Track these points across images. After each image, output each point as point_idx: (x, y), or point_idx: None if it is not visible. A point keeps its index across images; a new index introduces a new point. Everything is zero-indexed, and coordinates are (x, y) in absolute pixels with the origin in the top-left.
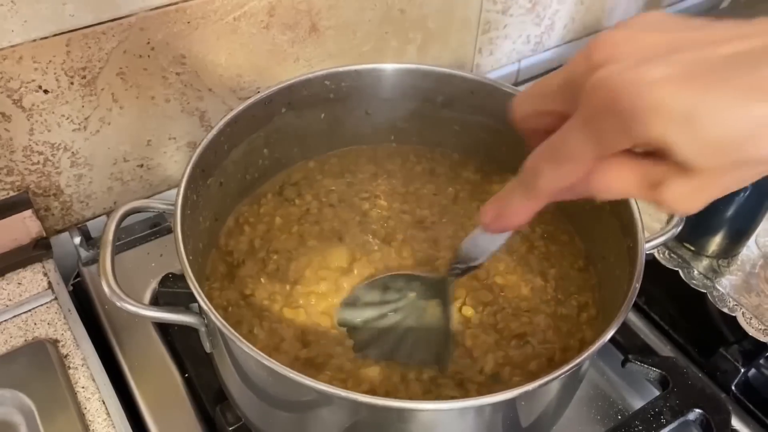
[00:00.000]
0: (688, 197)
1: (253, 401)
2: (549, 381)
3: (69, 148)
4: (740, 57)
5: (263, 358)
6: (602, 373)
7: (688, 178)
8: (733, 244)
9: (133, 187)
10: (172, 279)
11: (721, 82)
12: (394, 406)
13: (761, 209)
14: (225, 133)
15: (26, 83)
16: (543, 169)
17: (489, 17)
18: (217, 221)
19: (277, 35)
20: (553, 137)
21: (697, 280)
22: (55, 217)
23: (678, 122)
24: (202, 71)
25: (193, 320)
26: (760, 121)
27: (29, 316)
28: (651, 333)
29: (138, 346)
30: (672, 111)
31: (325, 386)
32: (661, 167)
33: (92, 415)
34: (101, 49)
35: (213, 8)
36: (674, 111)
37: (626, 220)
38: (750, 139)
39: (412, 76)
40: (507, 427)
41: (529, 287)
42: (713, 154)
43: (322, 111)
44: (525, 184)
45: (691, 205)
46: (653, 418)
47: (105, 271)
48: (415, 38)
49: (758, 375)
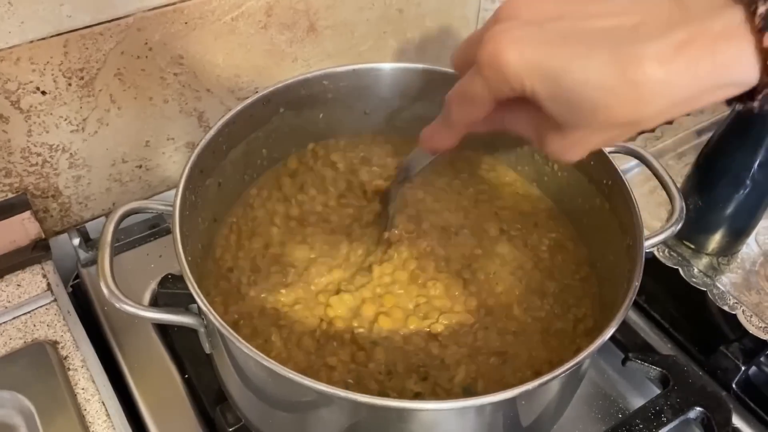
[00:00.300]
0: (565, 150)
1: (252, 402)
2: (549, 380)
3: (67, 149)
4: (611, 31)
5: (262, 359)
6: (603, 371)
7: (563, 133)
8: (733, 242)
9: (131, 188)
10: (171, 280)
11: (587, 50)
12: (393, 405)
13: (761, 207)
14: (223, 133)
15: (24, 84)
16: (454, 107)
17: (487, 16)
18: (215, 222)
19: (275, 35)
20: (462, 80)
21: (697, 278)
22: (53, 219)
23: (543, 80)
24: (200, 72)
25: (193, 321)
26: (614, 91)
27: (28, 318)
28: (651, 331)
29: (138, 347)
30: (539, 70)
31: (325, 386)
32: (549, 120)
33: (92, 417)
34: (99, 50)
35: (210, 8)
36: (541, 70)
37: (626, 218)
38: (603, 107)
39: (411, 75)
40: (508, 427)
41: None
42: (573, 116)
43: (321, 111)
44: (444, 118)
45: (568, 158)
46: (654, 417)
47: (104, 272)
48: (414, 38)
49: (759, 373)
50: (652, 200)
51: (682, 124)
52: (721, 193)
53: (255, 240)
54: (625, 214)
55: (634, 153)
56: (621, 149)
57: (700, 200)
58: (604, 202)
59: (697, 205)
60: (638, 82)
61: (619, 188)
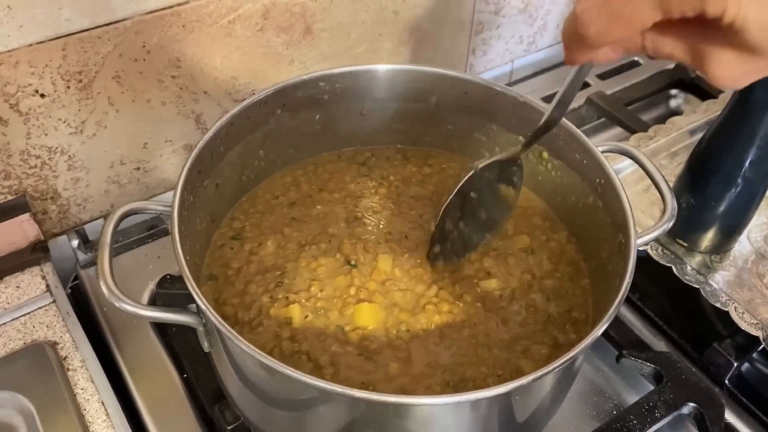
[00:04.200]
0: (740, 76)
1: (251, 400)
2: (542, 375)
3: (66, 151)
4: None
5: (260, 356)
6: (597, 368)
7: (745, 59)
8: (725, 239)
9: (130, 190)
10: (170, 280)
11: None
12: (389, 401)
13: (753, 205)
14: (221, 135)
15: (23, 87)
16: (594, 21)
17: (482, 18)
18: (213, 222)
19: (272, 38)
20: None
21: (690, 275)
22: (52, 221)
23: (759, 3)
24: (197, 74)
25: (191, 320)
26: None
27: (28, 319)
28: (645, 328)
29: (136, 347)
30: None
31: (322, 382)
32: (714, 41)
33: (92, 416)
34: (97, 53)
35: (207, 12)
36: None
37: (618, 216)
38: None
39: (406, 76)
40: (503, 422)
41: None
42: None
43: (317, 112)
44: (575, 34)
45: (738, 83)
46: (648, 413)
47: (103, 272)
48: (409, 39)
49: (751, 369)
50: (646, 199)
51: (675, 124)
52: (714, 191)
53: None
54: (617, 212)
55: (627, 152)
56: (614, 149)
57: (692, 199)
58: (597, 200)
59: (689, 204)
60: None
61: (612, 187)
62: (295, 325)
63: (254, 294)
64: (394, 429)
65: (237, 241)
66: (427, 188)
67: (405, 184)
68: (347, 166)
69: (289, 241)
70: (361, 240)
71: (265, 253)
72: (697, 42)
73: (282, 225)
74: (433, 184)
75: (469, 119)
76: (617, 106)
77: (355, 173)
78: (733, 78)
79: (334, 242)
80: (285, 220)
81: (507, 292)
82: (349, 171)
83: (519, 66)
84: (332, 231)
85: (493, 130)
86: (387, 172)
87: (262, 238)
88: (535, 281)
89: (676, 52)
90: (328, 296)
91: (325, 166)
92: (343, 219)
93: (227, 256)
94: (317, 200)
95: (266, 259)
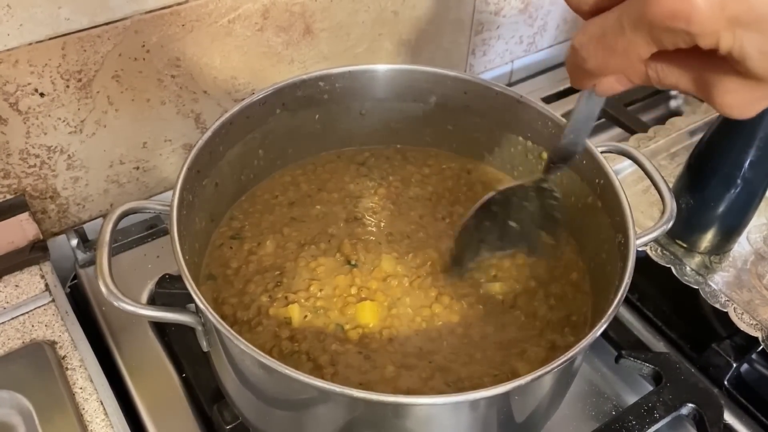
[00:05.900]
0: (747, 104)
1: (250, 399)
2: (542, 375)
3: (65, 150)
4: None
5: (259, 355)
6: (596, 369)
7: (752, 84)
8: (724, 240)
9: (129, 189)
10: (169, 280)
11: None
12: (388, 401)
13: (752, 206)
14: (220, 134)
15: (22, 86)
16: (591, 55)
17: (482, 18)
18: (212, 221)
19: (272, 37)
20: (607, 24)
21: (689, 276)
22: (51, 220)
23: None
24: (197, 74)
25: (190, 319)
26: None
27: (27, 318)
28: (644, 329)
29: (135, 346)
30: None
31: (320, 382)
32: (717, 69)
33: (90, 416)
34: (96, 53)
35: (207, 11)
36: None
37: (617, 216)
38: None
39: (406, 76)
40: (501, 423)
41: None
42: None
43: (317, 112)
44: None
45: (747, 112)
46: (647, 413)
47: (102, 271)
48: (409, 39)
49: (750, 370)
50: (645, 199)
51: (675, 125)
52: (713, 192)
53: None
54: (616, 212)
55: (627, 153)
56: (614, 149)
57: (692, 199)
58: (597, 200)
59: (689, 205)
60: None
61: (611, 187)
62: (294, 325)
63: (253, 293)
64: (392, 429)
65: (236, 241)
66: (427, 189)
67: (404, 184)
68: (347, 166)
69: (289, 241)
70: (362, 240)
71: (265, 253)
72: (702, 71)
73: (281, 225)
74: (433, 185)
75: (469, 119)
76: (617, 106)
77: (354, 173)
78: (741, 106)
79: (334, 242)
80: (284, 220)
81: (510, 296)
82: (349, 171)
83: (519, 66)
84: (332, 231)
85: (493, 131)
86: (386, 173)
87: (262, 237)
88: (540, 288)
89: (681, 82)
90: (328, 296)
91: (324, 165)
92: (343, 219)
93: (226, 255)
94: (317, 200)
95: (265, 258)
